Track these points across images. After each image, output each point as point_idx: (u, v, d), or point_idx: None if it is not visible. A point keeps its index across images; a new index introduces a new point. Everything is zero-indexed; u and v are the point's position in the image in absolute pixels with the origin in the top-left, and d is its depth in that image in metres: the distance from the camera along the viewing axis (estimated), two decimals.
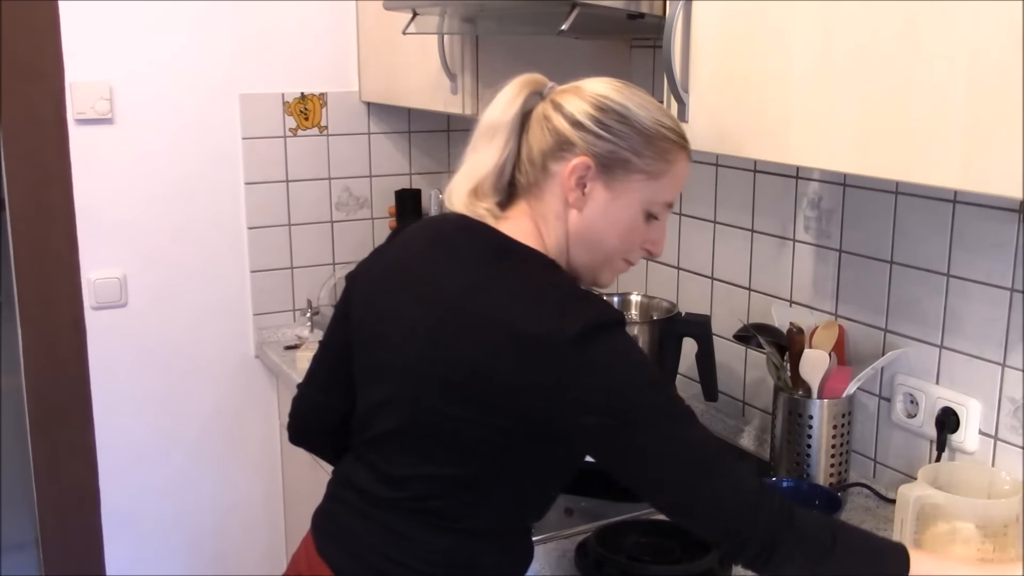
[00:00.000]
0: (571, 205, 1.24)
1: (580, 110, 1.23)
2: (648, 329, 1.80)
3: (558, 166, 1.23)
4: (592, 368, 1.12)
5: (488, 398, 1.16)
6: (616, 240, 1.26)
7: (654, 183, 1.24)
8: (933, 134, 1.10)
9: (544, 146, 1.24)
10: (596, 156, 1.22)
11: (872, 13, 1.16)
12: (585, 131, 1.22)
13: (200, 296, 2.52)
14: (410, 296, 1.26)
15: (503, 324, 1.15)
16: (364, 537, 1.28)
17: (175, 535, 2.59)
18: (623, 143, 1.22)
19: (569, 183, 1.23)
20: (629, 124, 1.23)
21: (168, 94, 2.40)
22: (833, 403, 1.67)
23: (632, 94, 1.26)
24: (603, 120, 1.23)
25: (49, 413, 2.40)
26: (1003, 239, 1.47)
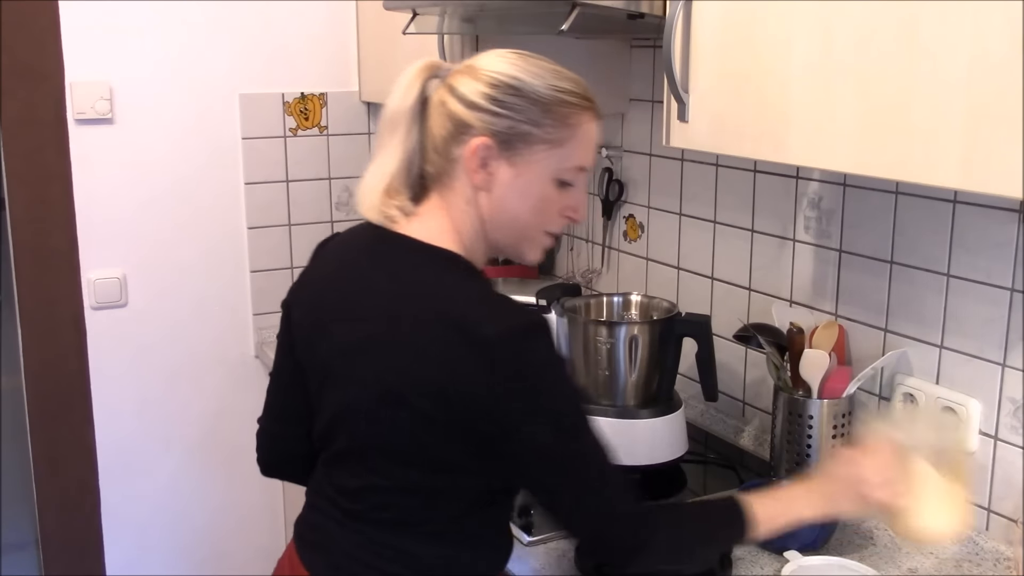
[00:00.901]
0: (479, 188, 1.22)
1: (473, 90, 1.20)
2: (648, 329, 1.80)
3: (460, 150, 1.21)
4: (512, 372, 1.13)
5: (421, 405, 1.16)
6: (531, 215, 1.24)
7: (560, 150, 1.22)
8: (933, 134, 1.10)
9: (444, 132, 1.22)
10: (495, 134, 1.20)
11: (872, 13, 1.16)
12: (480, 111, 1.20)
13: (200, 296, 2.52)
14: (340, 316, 1.26)
15: (428, 334, 1.15)
16: (341, 545, 1.28)
17: (175, 535, 2.59)
18: (520, 116, 1.20)
19: (472, 165, 1.21)
20: (523, 96, 1.20)
21: (168, 94, 2.40)
22: (833, 403, 1.67)
23: (526, 64, 1.23)
24: (496, 96, 1.20)
25: (49, 413, 2.40)
26: (1003, 239, 1.47)
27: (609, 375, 1.79)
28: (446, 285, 1.20)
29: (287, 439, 1.42)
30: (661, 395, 1.81)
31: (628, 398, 1.79)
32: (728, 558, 1.47)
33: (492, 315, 1.15)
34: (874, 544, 1.56)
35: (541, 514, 1.67)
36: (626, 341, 1.77)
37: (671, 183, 2.13)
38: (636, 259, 2.27)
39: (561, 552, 1.53)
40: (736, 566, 1.48)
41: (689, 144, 1.47)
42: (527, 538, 1.57)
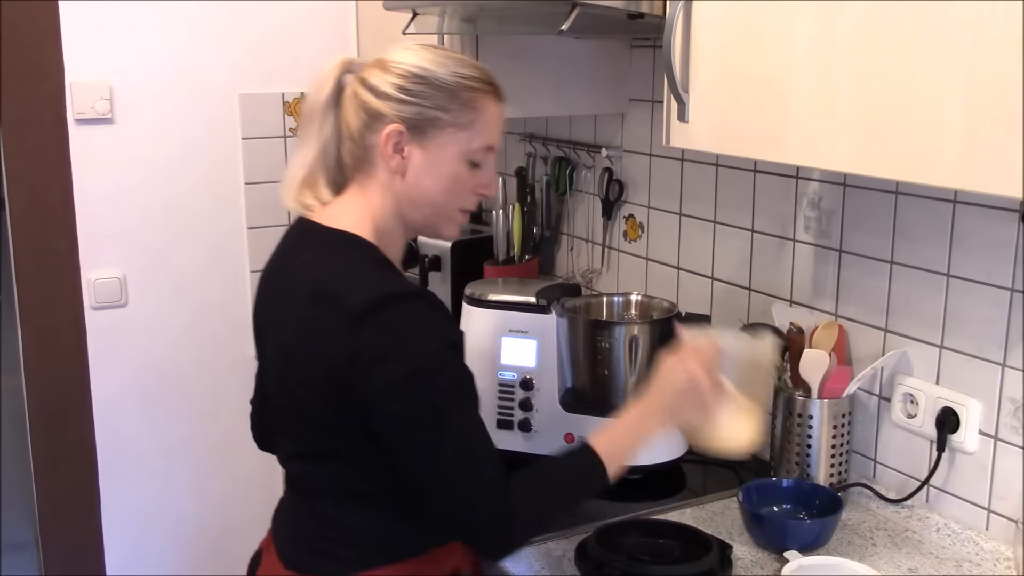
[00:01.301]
0: (394, 172, 1.31)
1: (383, 81, 1.30)
2: (648, 329, 1.80)
3: (374, 138, 1.30)
4: (374, 340, 1.19)
5: (310, 377, 1.25)
6: (444, 195, 1.33)
7: (467, 132, 1.31)
8: (933, 134, 1.10)
9: (359, 122, 1.31)
10: (405, 121, 1.29)
11: (872, 13, 1.16)
12: (390, 100, 1.29)
13: (200, 296, 2.52)
14: (265, 304, 1.40)
15: (309, 309, 1.25)
16: (291, 512, 1.41)
17: (175, 535, 2.59)
18: (427, 103, 1.29)
19: (387, 151, 1.29)
20: (428, 83, 1.29)
21: (168, 94, 2.40)
22: (833, 403, 1.67)
23: (430, 54, 1.32)
24: (404, 86, 1.29)
25: (49, 413, 2.40)
26: (1003, 239, 1.47)
27: (609, 375, 1.79)
28: (333, 263, 1.28)
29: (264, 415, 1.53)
30: None
31: (628, 398, 1.79)
32: (728, 558, 1.47)
33: (362, 285, 1.23)
34: (874, 544, 1.56)
35: None
36: (626, 341, 1.77)
37: (671, 183, 2.13)
38: (636, 259, 2.27)
39: (561, 552, 1.53)
40: (736, 566, 1.48)
41: (689, 144, 1.47)
42: None
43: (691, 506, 1.69)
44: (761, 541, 1.54)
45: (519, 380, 1.82)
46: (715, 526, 1.61)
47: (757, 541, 1.55)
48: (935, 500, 1.61)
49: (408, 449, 1.23)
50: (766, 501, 1.61)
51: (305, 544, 1.36)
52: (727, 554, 1.47)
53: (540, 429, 1.80)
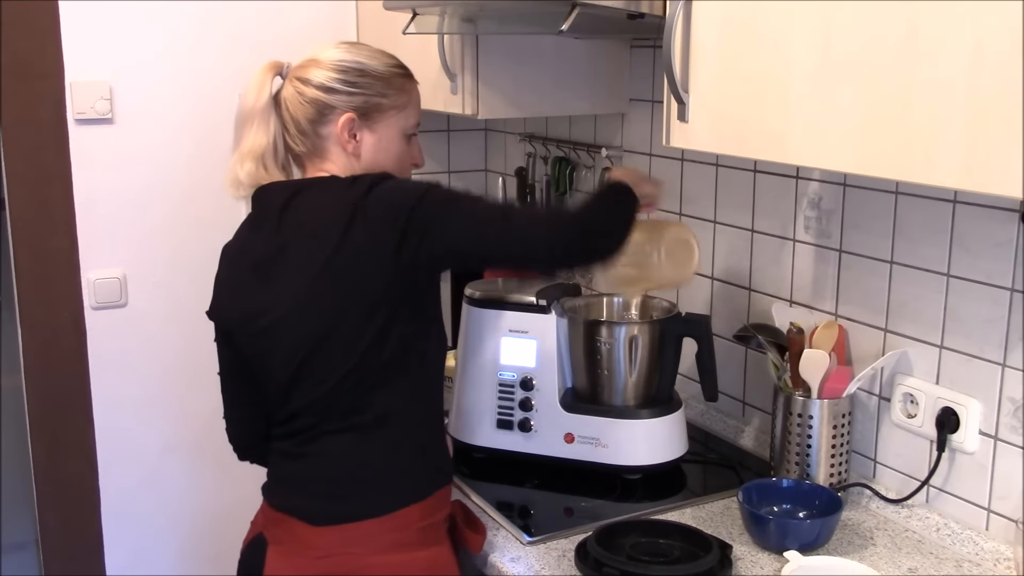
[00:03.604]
0: (351, 154, 1.49)
1: (326, 77, 1.47)
2: (648, 329, 1.80)
3: (327, 128, 1.47)
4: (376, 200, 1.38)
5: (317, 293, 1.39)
6: (394, 168, 1.51)
7: (403, 112, 1.52)
8: (933, 134, 1.10)
9: (309, 116, 1.47)
10: (355, 109, 1.47)
11: (872, 13, 1.16)
12: (337, 93, 1.46)
13: (200, 296, 2.50)
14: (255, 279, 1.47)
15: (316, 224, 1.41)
16: (295, 471, 1.48)
17: (175, 535, 2.59)
18: (371, 91, 1.48)
19: (343, 137, 1.47)
20: (368, 75, 1.48)
21: (168, 94, 2.40)
22: (833, 403, 1.67)
23: (359, 49, 1.51)
24: (348, 79, 1.47)
25: (49, 413, 2.40)
26: (1003, 239, 1.47)
27: (609, 375, 1.79)
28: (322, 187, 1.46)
29: (251, 421, 1.61)
30: (661, 395, 1.81)
31: (628, 398, 1.79)
32: (728, 558, 1.47)
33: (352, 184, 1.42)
34: (874, 544, 1.56)
35: (541, 514, 1.67)
36: (626, 341, 1.77)
37: (671, 183, 2.13)
38: None
39: (561, 552, 1.53)
40: (736, 566, 1.48)
41: (689, 144, 1.47)
42: (527, 538, 1.57)
43: (691, 506, 1.69)
44: (761, 541, 1.54)
45: (519, 380, 1.82)
46: (715, 526, 1.62)
47: (757, 541, 1.55)
48: (935, 500, 1.61)
49: (467, 223, 1.40)
50: (766, 501, 1.61)
51: (329, 494, 1.44)
52: (727, 554, 1.47)
53: (540, 429, 1.80)
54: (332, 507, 1.42)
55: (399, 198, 1.39)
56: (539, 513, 1.68)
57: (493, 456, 1.85)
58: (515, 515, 1.66)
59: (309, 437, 1.45)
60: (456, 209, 1.40)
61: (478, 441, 1.85)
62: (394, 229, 1.36)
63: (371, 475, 1.44)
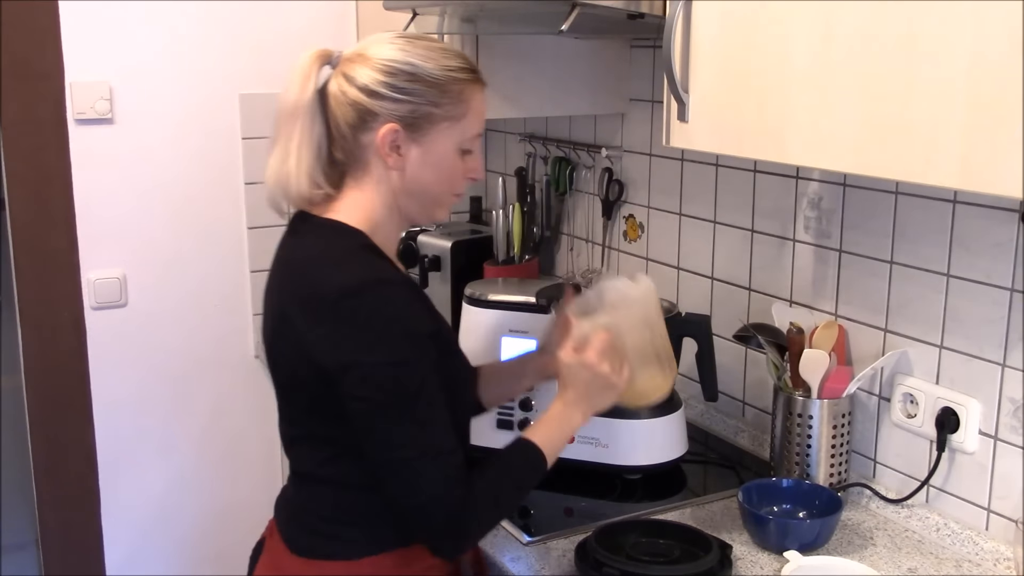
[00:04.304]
0: (391, 168, 1.30)
1: (371, 79, 1.27)
2: None
3: (368, 137, 1.29)
4: (348, 324, 1.21)
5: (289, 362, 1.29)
6: (441, 184, 1.34)
7: (459, 124, 1.31)
8: (933, 134, 1.10)
9: (350, 120, 1.29)
10: (400, 119, 1.28)
11: (872, 13, 1.16)
12: (382, 99, 1.27)
13: (200, 296, 2.52)
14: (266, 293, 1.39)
15: (290, 294, 1.29)
16: (294, 498, 1.41)
17: (175, 535, 2.59)
18: (420, 99, 1.28)
19: (384, 150, 1.29)
20: (419, 80, 1.28)
21: (168, 94, 2.40)
22: (833, 403, 1.67)
23: (414, 47, 1.30)
24: (395, 84, 1.27)
25: (49, 413, 2.40)
26: (1003, 239, 1.47)
27: None
28: (317, 250, 1.30)
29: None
30: None
31: None
32: (728, 558, 1.47)
33: (337, 272, 1.24)
34: (874, 544, 1.56)
35: (541, 514, 1.67)
36: None
37: (671, 183, 2.13)
38: (636, 259, 2.27)
39: (561, 552, 1.53)
40: (736, 566, 1.48)
41: (689, 144, 1.47)
42: (527, 538, 1.57)
43: (691, 506, 1.69)
44: (761, 541, 1.54)
45: None
46: (715, 526, 1.62)
47: (757, 541, 1.55)
48: (935, 500, 1.61)
49: (368, 436, 1.24)
50: (766, 501, 1.61)
51: (308, 527, 1.37)
52: (727, 554, 1.47)
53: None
54: (307, 540, 1.36)
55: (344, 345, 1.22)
56: (539, 513, 1.68)
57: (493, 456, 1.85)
58: (515, 515, 1.66)
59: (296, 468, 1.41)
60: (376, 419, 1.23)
61: (478, 441, 1.84)
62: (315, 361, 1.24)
63: (336, 515, 1.35)
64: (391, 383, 1.21)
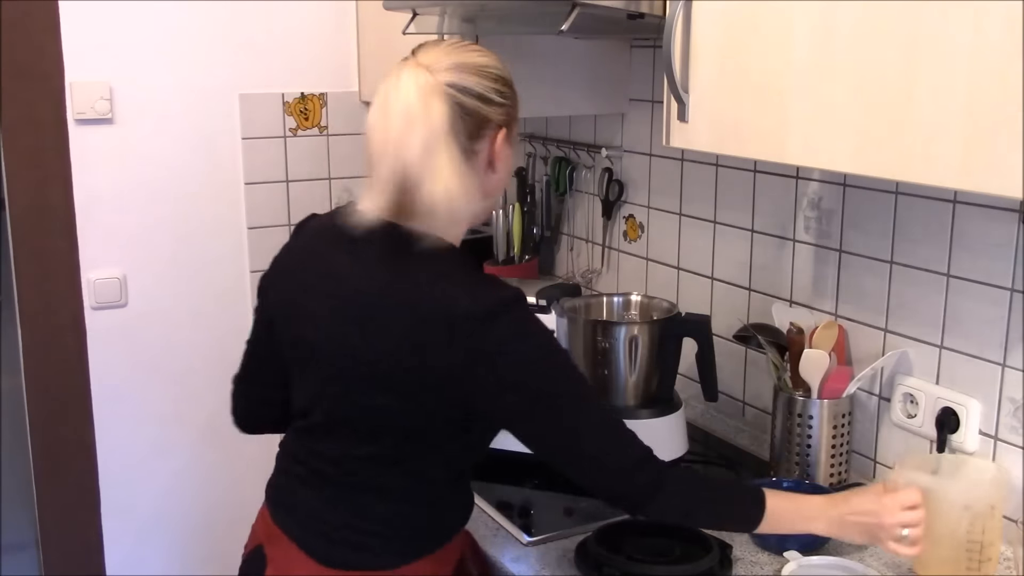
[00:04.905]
0: (489, 169, 1.33)
1: (484, 87, 1.29)
2: (648, 329, 1.80)
3: (482, 143, 1.30)
4: (503, 347, 1.22)
5: (405, 384, 1.26)
6: (508, 178, 1.41)
7: (517, 122, 1.37)
8: (933, 134, 1.10)
9: (470, 129, 1.28)
10: (505, 124, 1.32)
11: (872, 12, 1.16)
12: (494, 105, 1.30)
13: (200, 296, 2.52)
14: (325, 296, 1.33)
15: (412, 311, 1.24)
16: (310, 504, 1.38)
17: (175, 535, 2.59)
18: (512, 103, 1.34)
19: (495, 153, 1.32)
20: (510, 85, 1.34)
21: (168, 94, 2.40)
22: (833, 403, 1.67)
23: (491, 54, 1.34)
24: (501, 90, 1.31)
25: (49, 413, 2.40)
26: (1003, 239, 1.47)
27: (609, 375, 1.79)
28: (429, 271, 1.27)
29: (265, 403, 1.53)
30: (661, 395, 1.81)
31: (628, 398, 1.79)
32: (728, 558, 1.47)
33: (465, 293, 1.24)
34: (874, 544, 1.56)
35: (541, 514, 1.67)
36: (626, 341, 1.77)
37: (671, 183, 2.13)
38: (636, 259, 2.27)
39: (561, 552, 1.53)
40: (736, 566, 1.48)
41: (689, 144, 1.47)
42: (527, 538, 1.57)
43: None
44: (761, 541, 1.54)
45: None
46: None
47: (757, 541, 1.55)
48: None
49: (551, 430, 1.27)
50: None
51: (350, 541, 1.35)
52: (727, 554, 1.48)
53: None
54: (342, 552, 1.35)
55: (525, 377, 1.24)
56: (539, 513, 1.68)
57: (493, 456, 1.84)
58: (515, 515, 1.66)
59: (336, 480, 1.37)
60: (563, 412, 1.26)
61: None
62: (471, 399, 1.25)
63: (384, 530, 1.35)
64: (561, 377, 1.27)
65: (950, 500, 1.39)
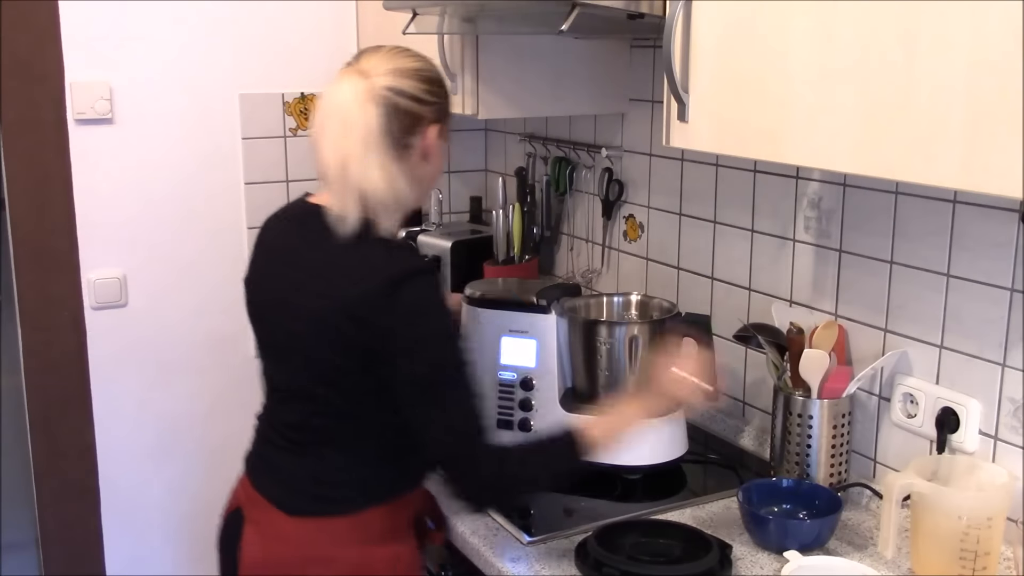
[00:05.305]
0: (423, 160, 1.48)
1: (417, 88, 1.44)
2: (648, 329, 1.80)
3: (416, 139, 1.45)
4: (399, 317, 1.37)
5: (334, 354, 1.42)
6: (442, 167, 1.56)
7: (449, 115, 1.52)
8: (933, 134, 1.10)
9: (404, 127, 1.43)
10: (439, 119, 1.48)
11: (872, 13, 1.16)
12: (427, 104, 1.45)
13: (200, 296, 2.52)
14: (284, 280, 1.50)
15: (332, 285, 1.41)
16: (285, 467, 1.54)
17: (175, 535, 2.59)
18: (444, 101, 1.50)
19: (428, 148, 1.47)
20: (441, 83, 1.50)
21: (168, 94, 2.40)
22: (833, 403, 1.67)
23: (423, 57, 1.50)
24: (432, 89, 1.47)
25: (49, 413, 2.40)
26: (1003, 239, 1.47)
27: (609, 375, 1.79)
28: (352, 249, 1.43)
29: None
30: None
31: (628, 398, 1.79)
32: (728, 558, 1.47)
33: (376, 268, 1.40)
34: (874, 544, 1.56)
35: (541, 514, 1.67)
36: (626, 341, 1.77)
37: (671, 183, 2.13)
38: (636, 259, 2.27)
39: (561, 552, 1.53)
40: (736, 566, 1.48)
41: (689, 144, 1.47)
42: (527, 538, 1.57)
43: (691, 506, 1.69)
44: (761, 541, 1.54)
45: (519, 380, 1.82)
46: (715, 526, 1.62)
47: (757, 541, 1.55)
48: None
49: (419, 405, 1.39)
50: (766, 501, 1.61)
51: (313, 493, 1.51)
52: (727, 554, 1.48)
53: (540, 429, 1.80)
54: (308, 503, 1.51)
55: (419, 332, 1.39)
56: (539, 513, 1.68)
57: None
58: (515, 515, 1.66)
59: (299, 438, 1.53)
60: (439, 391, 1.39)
61: None
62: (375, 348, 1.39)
63: (341, 479, 1.50)
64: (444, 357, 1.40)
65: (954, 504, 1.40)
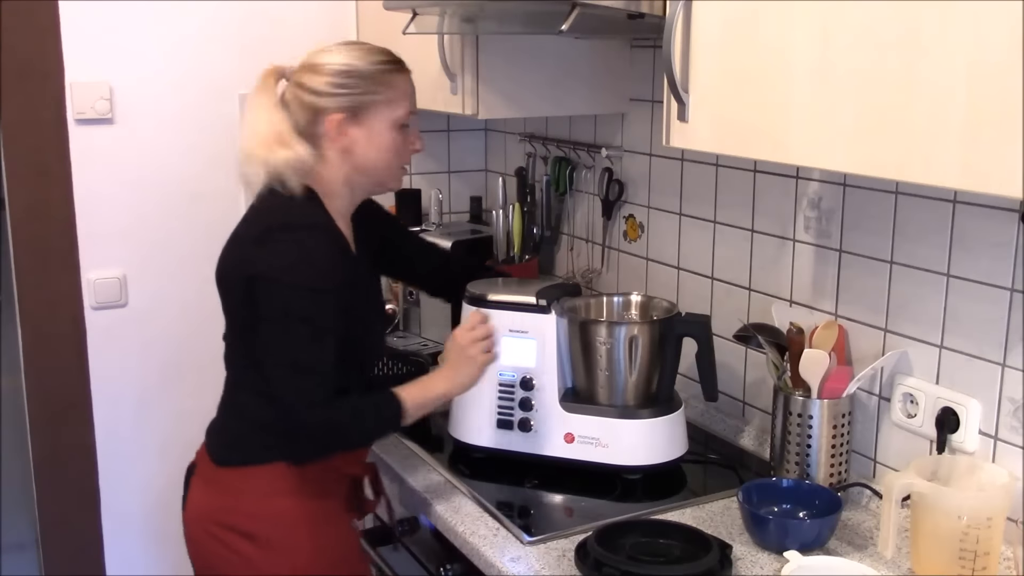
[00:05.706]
0: (343, 151, 1.60)
1: (319, 82, 1.58)
2: (648, 329, 1.80)
3: (320, 128, 1.59)
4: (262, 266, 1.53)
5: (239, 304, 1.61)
6: (387, 157, 1.64)
7: (392, 104, 1.61)
8: (933, 134, 1.10)
9: (307, 119, 1.59)
10: (344, 110, 1.58)
11: (872, 13, 1.16)
12: (328, 96, 1.58)
13: (200, 296, 2.51)
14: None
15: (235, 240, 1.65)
16: (217, 419, 1.74)
17: (175, 535, 2.58)
18: (358, 90, 1.58)
19: (332, 135, 1.59)
20: (355, 75, 1.58)
21: (168, 94, 2.40)
22: (833, 403, 1.67)
23: (350, 49, 1.62)
24: (338, 82, 1.58)
25: (49, 413, 2.40)
26: (1003, 239, 1.47)
27: (609, 375, 1.79)
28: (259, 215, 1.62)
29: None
30: (661, 395, 1.81)
31: (628, 398, 1.79)
32: (728, 558, 1.47)
33: (271, 215, 1.58)
34: (874, 544, 1.56)
35: (541, 514, 1.67)
36: (626, 341, 1.77)
37: (671, 183, 2.13)
38: (636, 259, 2.27)
39: (561, 552, 1.53)
40: (736, 566, 1.48)
41: (689, 144, 1.47)
42: (527, 538, 1.57)
43: (691, 506, 1.69)
44: (761, 541, 1.54)
45: (519, 380, 1.82)
46: (715, 526, 1.62)
47: (757, 541, 1.55)
48: None
49: (264, 345, 1.56)
50: (766, 501, 1.61)
51: (227, 442, 1.68)
52: (727, 554, 1.48)
53: (540, 429, 1.80)
54: (226, 452, 1.67)
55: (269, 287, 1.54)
56: (539, 513, 1.68)
57: (493, 456, 1.85)
58: (515, 515, 1.66)
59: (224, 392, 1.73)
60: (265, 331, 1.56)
61: (478, 441, 1.85)
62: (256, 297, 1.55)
63: (249, 428, 1.65)
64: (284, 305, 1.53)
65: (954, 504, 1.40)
